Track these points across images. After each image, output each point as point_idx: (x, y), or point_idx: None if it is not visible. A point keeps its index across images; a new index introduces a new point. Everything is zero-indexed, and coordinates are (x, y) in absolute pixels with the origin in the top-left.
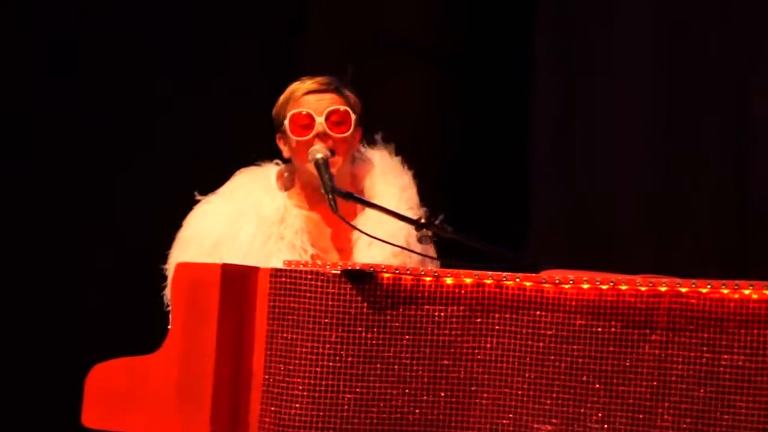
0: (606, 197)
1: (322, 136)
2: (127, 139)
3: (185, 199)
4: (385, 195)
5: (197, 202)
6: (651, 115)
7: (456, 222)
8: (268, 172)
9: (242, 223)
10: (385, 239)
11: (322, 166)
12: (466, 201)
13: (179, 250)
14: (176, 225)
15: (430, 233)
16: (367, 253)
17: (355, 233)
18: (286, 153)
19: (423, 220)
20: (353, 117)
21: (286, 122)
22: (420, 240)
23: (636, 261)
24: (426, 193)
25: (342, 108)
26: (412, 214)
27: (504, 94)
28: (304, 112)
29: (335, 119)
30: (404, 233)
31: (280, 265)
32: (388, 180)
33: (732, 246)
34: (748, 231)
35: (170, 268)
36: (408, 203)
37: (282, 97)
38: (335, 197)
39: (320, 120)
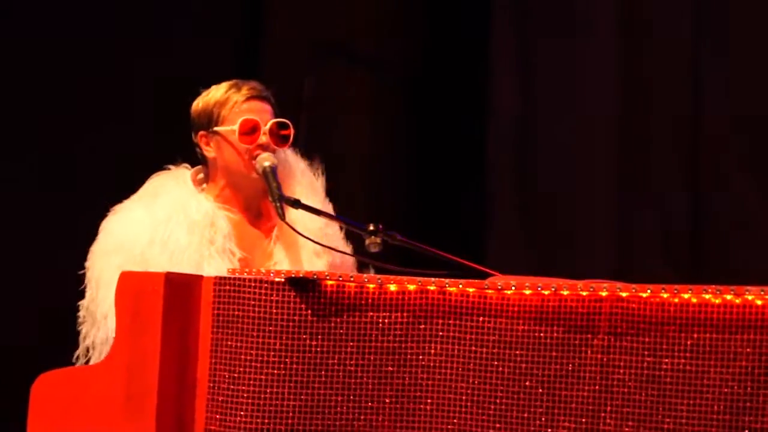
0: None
1: (264, 146)
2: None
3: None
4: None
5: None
6: (609, 116)
7: (412, 230)
8: (184, 174)
9: (171, 228)
10: (322, 243)
11: (270, 174)
12: (424, 208)
13: (102, 260)
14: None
15: (378, 240)
16: (284, 255)
17: (273, 236)
18: (210, 152)
19: (372, 227)
20: (293, 132)
21: (227, 125)
22: (369, 247)
23: (597, 262)
24: (382, 200)
25: (287, 122)
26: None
27: (461, 101)
28: (253, 120)
29: (282, 133)
30: (326, 235)
31: (213, 272)
32: (308, 189)
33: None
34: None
35: (95, 280)
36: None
37: (212, 97)
38: (283, 205)
39: (265, 129)
